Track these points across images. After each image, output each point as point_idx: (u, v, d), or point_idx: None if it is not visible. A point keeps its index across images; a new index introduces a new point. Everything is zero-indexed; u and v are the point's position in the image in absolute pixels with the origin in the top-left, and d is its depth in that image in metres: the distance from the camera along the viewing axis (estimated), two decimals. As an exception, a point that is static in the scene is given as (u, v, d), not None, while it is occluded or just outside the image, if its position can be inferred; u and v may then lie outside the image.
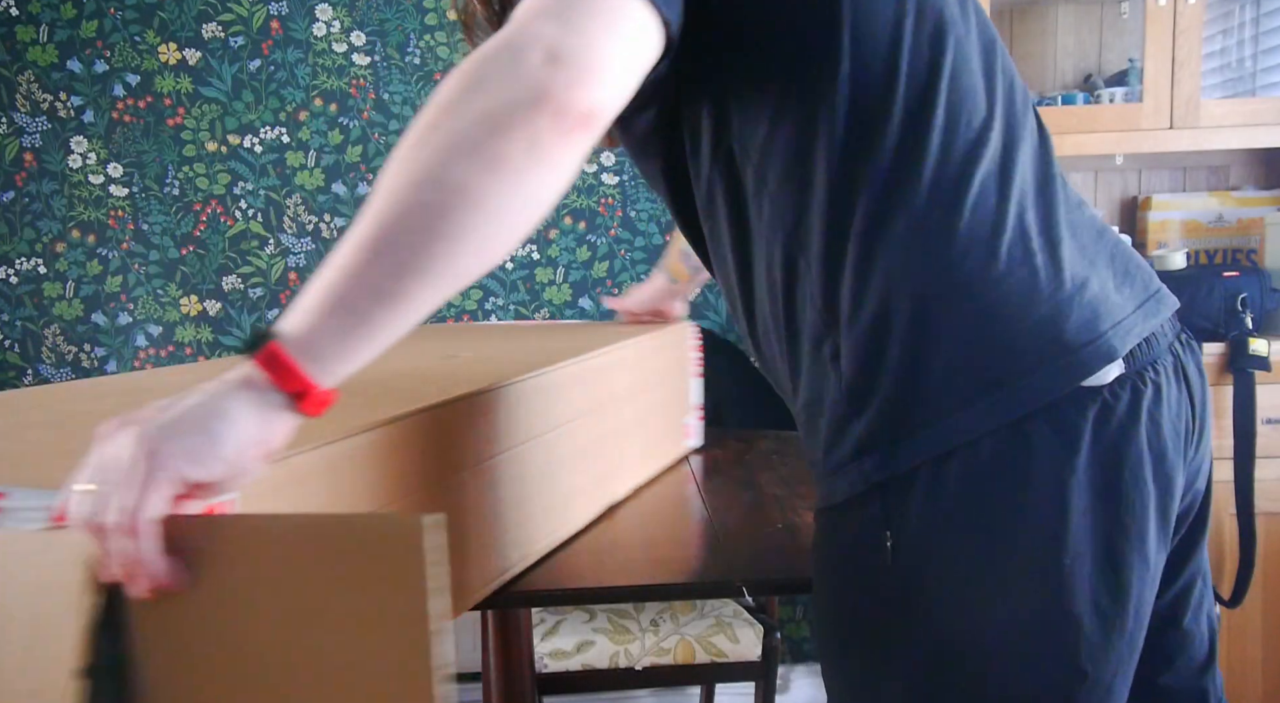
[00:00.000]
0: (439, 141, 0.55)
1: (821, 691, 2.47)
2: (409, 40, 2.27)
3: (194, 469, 0.49)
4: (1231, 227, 2.21)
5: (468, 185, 0.54)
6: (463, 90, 0.56)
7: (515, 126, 0.55)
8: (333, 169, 2.29)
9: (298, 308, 0.55)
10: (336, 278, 0.54)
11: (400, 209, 0.54)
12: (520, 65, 0.55)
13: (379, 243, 0.54)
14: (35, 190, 2.25)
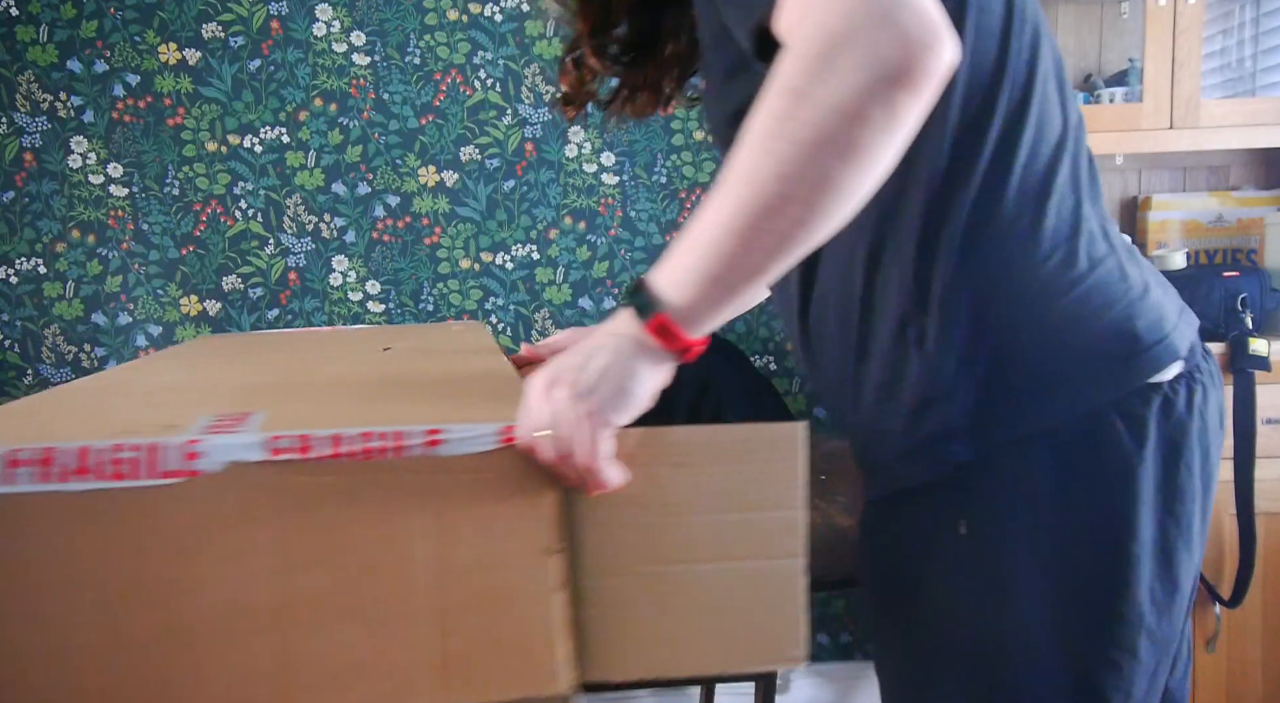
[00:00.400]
0: (799, 135, 0.57)
1: (822, 690, 2.47)
2: (409, 40, 2.27)
3: (620, 417, 0.64)
4: (1231, 227, 2.21)
5: (831, 179, 0.58)
6: (811, 75, 0.57)
7: (873, 111, 0.56)
8: (333, 169, 2.29)
9: (674, 278, 0.63)
10: (711, 257, 0.61)
11: (768, 201, 0.59)
12: (864, 40, 0.56)
13: (752, 231, 0.60)
14: (35, 190, 2.24)
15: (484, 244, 2.34)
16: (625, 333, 0.64)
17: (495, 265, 2.34)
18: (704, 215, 0.62)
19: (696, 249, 0.62)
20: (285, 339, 1.49)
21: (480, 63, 2.29)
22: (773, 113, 0.58)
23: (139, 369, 1.01)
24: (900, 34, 0.55)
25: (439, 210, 2.32)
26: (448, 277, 2.34)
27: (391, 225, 2.32)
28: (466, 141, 2.31)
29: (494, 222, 2.34)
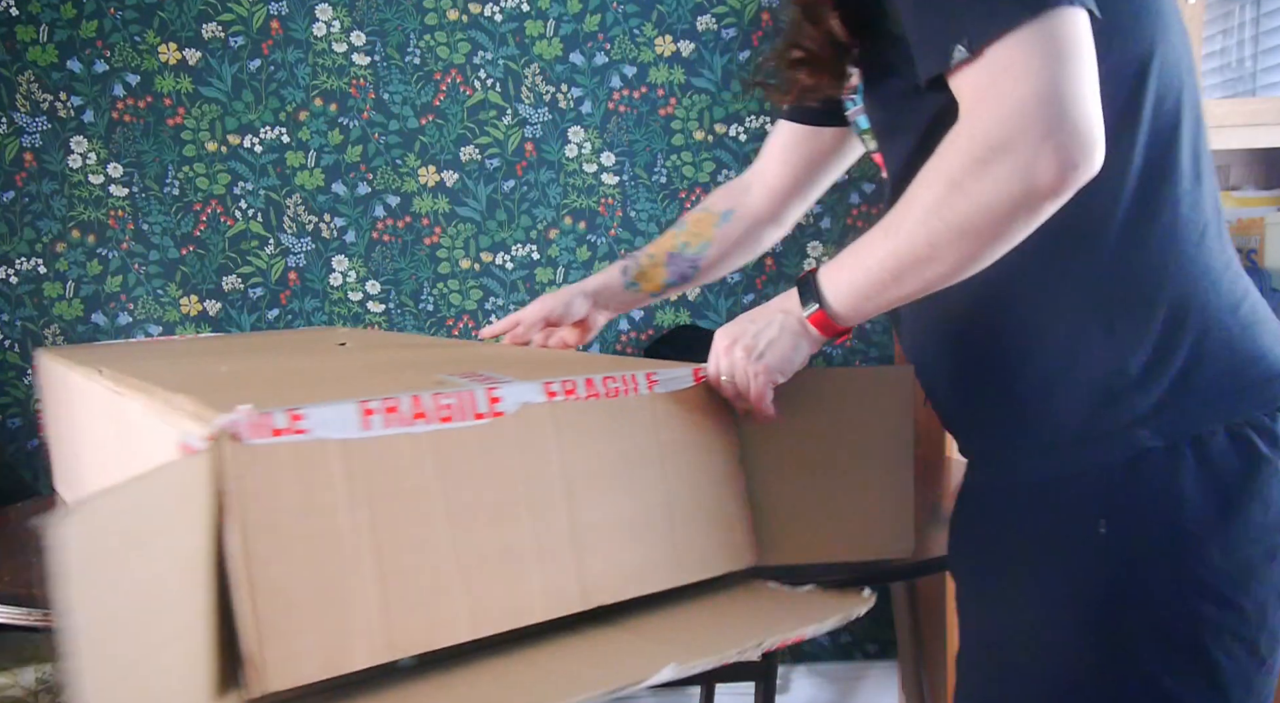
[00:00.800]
0: (951, 220, 0.70)
1: (822, 691, 2.47)
2: (409, 40, 2.27)
3: (780, 376, 0.84)
4: (1232, 226, 2.22)
5: (972, 254, 0.72)
6: (970, 173, 0.68)
7: (1017, 214, 0.69)
8: (333, 169, 2.29)
9: (838, 286, 0.79)
10: (867, 281, 0.77)
11: (918, 259, 0.73)
12: (1023, 154, 0.66)
13: (901, 274, 0.75)
14: (35, 190, 2.24)
15: (484, 244, 2.34)
16: (793, 314, 0.82)
17: (495, 265, 2.34)
18: (873, 241, 0.76)
19: (857, 269, 0.77)
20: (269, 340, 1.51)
21: (480, 63, 2.29)
22: (934, 193, 0.71)
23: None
24: (1056, 153, 0.65)
25: (439, 210, 2.32)
26: (448, 277, 2.34)
27: (391, 225, 2.32)
28: (466, 141, 2.31)
29: (494, 222, 2.34)
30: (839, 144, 1.14)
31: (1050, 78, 0.65)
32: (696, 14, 2.32)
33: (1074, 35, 0.67)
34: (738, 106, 2.35)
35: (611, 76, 2.32)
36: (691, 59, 2.33)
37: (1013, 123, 0.66)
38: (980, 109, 0.68)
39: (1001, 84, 0.67)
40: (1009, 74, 0.66)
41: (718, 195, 1.23)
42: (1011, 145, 0.66)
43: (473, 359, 0.97)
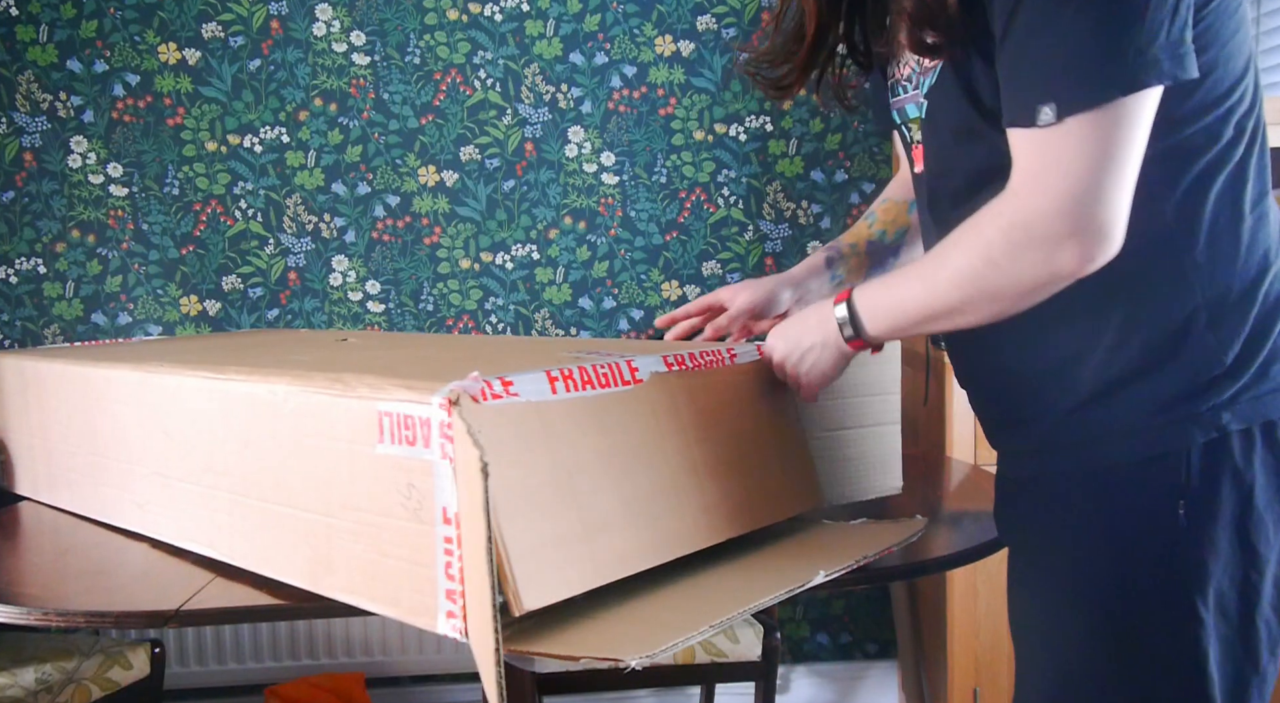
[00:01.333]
0: (983, 288, 0.82)
1: (822, 690, 2.47)
2: (409, 40, 2.27)
3: (822, 383, 1.02)
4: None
5: (998, 314, 0.84)
6: (1005, 255, 0.79)
7: (1042, 292, 0.81)
8: (332, 169, 2.29)
9: (875, 316, 0.93)
10: (900, 318, 0.91)
11: (949, 310, 0.86)
12: (1052, 248, 0.77)
13: (933, 318, 0.88)
14: (35, 190, 2.24)
15: (484, 244, 2.34)
16: (832, 339, 0.97)
17: (495, 265, 2.34)
18: (910, 285, 0.89)
19: (896, 310, 0.91)
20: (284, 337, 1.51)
21: (480, 63, 2.29)
22: (970, 263, 0.82)
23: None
24: (1079, 249, 0.76)
25: (439, 210, 2.32)
26: (448, 277, 2.34)
27: (391, 225, 2.32)
28: (466, 141, 2.31)
29: (494, 221, 2.34)
30: None
31: (1095, 178, 0.75)
32: (696, 14, 2.32)
33: (1140, 120, 0.75)
34: (738, 106, 2.35)
35: (611, 76, 2.32)
36: (691, 59, 2.33)
37: (1049, 219, 0.76)
38: (1026, 195, 0.78)
39: (1051, 174, 0.76)
40: (1060, 165, 0.75)
41: (893, 186, 1.26)
42: (1043, 238, 0.77)
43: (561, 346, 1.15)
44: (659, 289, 2.38)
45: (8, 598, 0.95)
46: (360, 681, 2.25)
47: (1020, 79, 0.78)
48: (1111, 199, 0.75)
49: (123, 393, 1.19)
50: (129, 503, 1.19)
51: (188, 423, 1.07)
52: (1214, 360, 0.82)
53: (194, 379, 1.06)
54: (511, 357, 1.03)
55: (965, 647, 1.95)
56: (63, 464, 1.35)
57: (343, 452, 0.87)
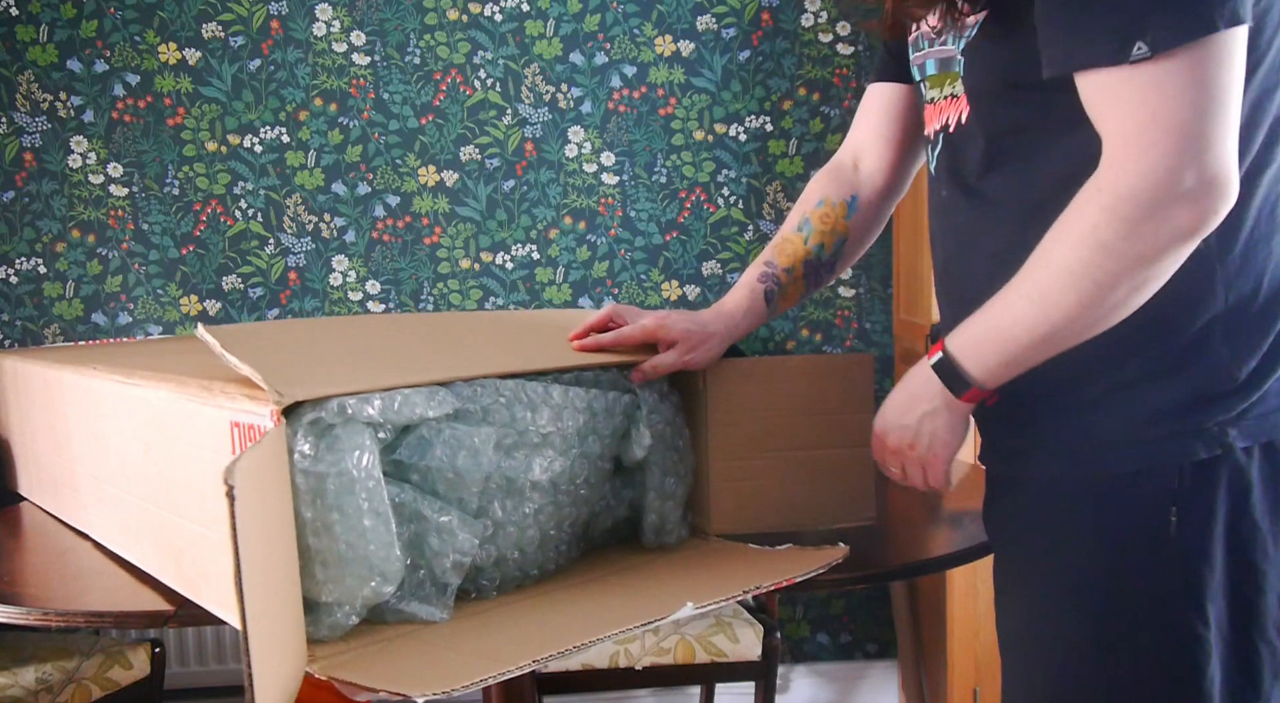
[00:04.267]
0: (1103, 280, 0.73)
1: (822, 690, 2.47)
2: (409, 40, 2.27)
3: (947, 455, 0.89)
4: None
5: (1124, 307, 0.75)
6: (1118, 235, 0.71)
7: (1167, 261, 0.73)
8: (332, 169, 2.29)
9: (981, 361, 0.82)
10: (1011, 351, 0.80)
11: (1066, 323, 0.76)
12: (1167, 212, 0.70)
13: (1056, 334, 0.77)
14: (35, 190, 2.24)
15: (484, 244, 2.34)
16: (941, 400, 0.85)
17: (495, 265, 2.34)
18: (1012, 307, 0.78)
19: (1007, 342, 0.80)
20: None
21: (480, 63, 2.29)
22: (1080, 255, 0.73)
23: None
24: (1197, 205, 0.69)
25: (439, 210, 2.32)
26: (448, 276, 2.34)
27: (391, 225, 2.32)
28: (466, 141, 2.31)
29: (494, 221, 2.34)
30: None
31: (1200, 126, 0.68)
32: (696, 14, 2.32)
33: (1239, 60, 0.69)
34: (738, 106, 2.35)
35: (611, 76, 2.32)
36: (691, 59, 2.33)
37: (1158, 182, 0.69)
38: (1124, 160, 0.71)
39: (1150, 131, 0.69)
40: (1158, 117, 0.69)
41: (826, 183, 1.14)
42: (1156, 205, 0.70)
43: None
44: (659, 289, 2.38)
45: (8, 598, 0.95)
46: (360, 681, 2.25)
47: (1094, 14, 0.70)
48: (1222, 147, 0.69)
49: (68, 395, 1.19)
50: (76, 503, 1.20)
51: (110, 427, 1.05)
52: (1225, 375, 0.78)
53: (106, 382, 1.04)
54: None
55: (965, 647, 1.95)
56: (38, 463, 1.36)
57: (208, 462, 0.82)
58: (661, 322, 1.05)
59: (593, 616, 0.84)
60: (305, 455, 0.77)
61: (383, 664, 0.76)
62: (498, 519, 0.91)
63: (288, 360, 0.84)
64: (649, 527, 1.05)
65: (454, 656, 0.78)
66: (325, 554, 0.78)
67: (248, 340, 0.87)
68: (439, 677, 0.72)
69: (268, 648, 0.67)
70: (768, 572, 0.92)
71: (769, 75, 2.34)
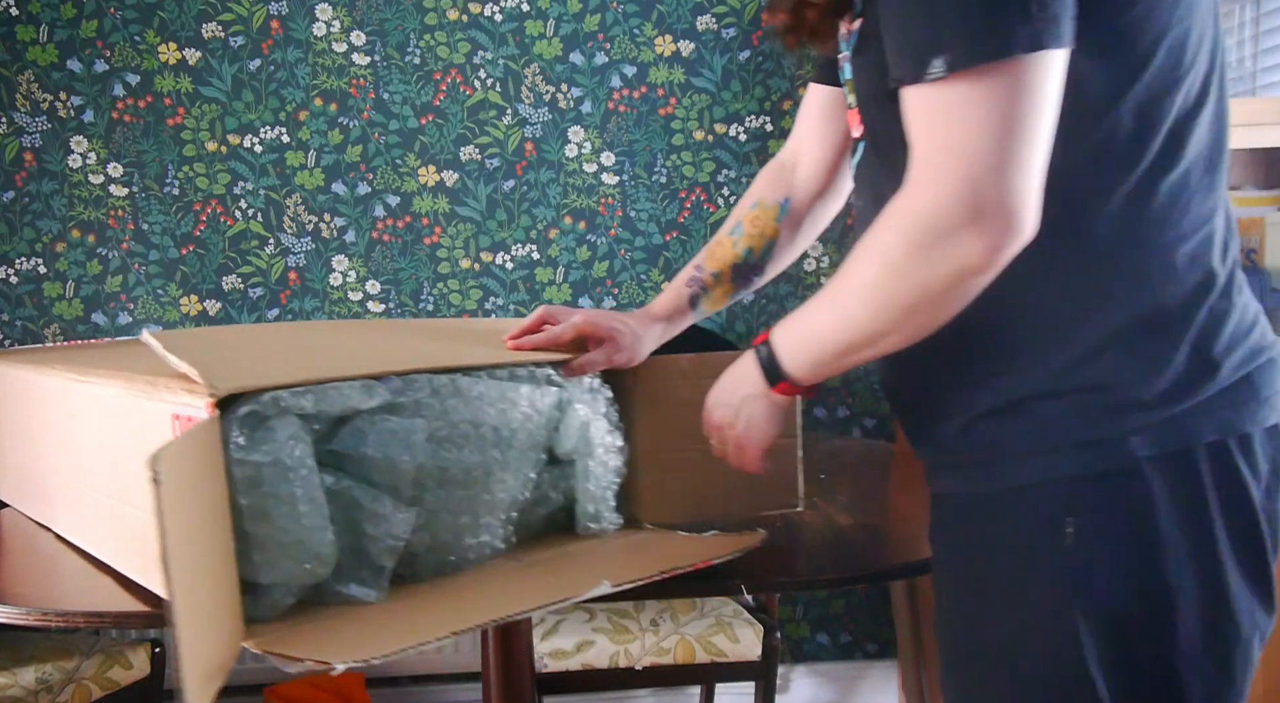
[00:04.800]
0: (894, 300, 0.73)
1: (822, 690, 2.47)
2: (409, 40, 2.27)
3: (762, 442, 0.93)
4: (1231, 226, 2.21)
5: (916, 327, 0.75)
6: (908, 258, 0.71)
7: (954, 292, 0.72)
8: (332, 169, 2.29)
9: (795, 357, 0.84)
10: (822, 353, 0.82)
11: (866, 336, 0.77)
12: (956, 240, 0.68)
13: (853, 348, 0.79)
14: (35, 190, 2.24)
15: (484, 244, 2.34)
16: (760, 387, 0.88)
17: (495, 265, 2.34)
18: (821, 312, 0.80)
19: (812, 343, 0.82)
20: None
21: (480, 63, 2.29)
22: (874, 274, 0.74)
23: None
24: (987, 236, 0.67)
25: (439, 210, 2.32)
26: (448, 276, 2.34)
27: (391, 225, 2.32)
28: (466, 141, 2.31)
29: (494, 221, 2.34)
30: None
31: (995, 156, 0.66)
32: (696, 14, 2.32)
33: (1046, 89, 0.66)
34: (738, 106, 2.35)
35: (611, 76, 2.32)
36: (691, 59, 2.33)
37: (947, 208, 0.68)
38: (918, 184, 0.70)
39: (946, 155, 0.67)
40: (954, 142, 0.67)
41: (764, 184, 1.16)
42: (942, 233, 0.68)
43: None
44: (659, 289, 2.37)
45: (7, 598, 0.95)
46: (360, 680, 2.25)
47: (907, 30, 0.69)
48: (1016, 179, 0.66)
49: (31, 395, 1.21)
50: (42, 499, 1.20)
51: (69, 424, 1.08)
52: (1129, 385, 0.75)
53: (63, 381, 1.06)
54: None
55: (965, 647, 1.95)
56: (12, 466, 1.36)
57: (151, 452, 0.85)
58: (591, 321, 1.09)
59: (516, 594, 0.90)
60: (240, 446, 0.82)
61: (313, 639, 0.81)
62: (431, 507, 0.95)
63: (225, 358, 0.91)
64: (582, 515, 1.10)
65: (378, 630, 0.83)
66: (262, 539, 0.83)
67: (190, 342, 0.95)
68: (359, 648, 0.78)
69: (195, 622, 0.71)
70: (688, 555, 0.97)
71: (769, 75, 2.34)
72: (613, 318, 1.11)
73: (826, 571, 1.02)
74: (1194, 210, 0.76)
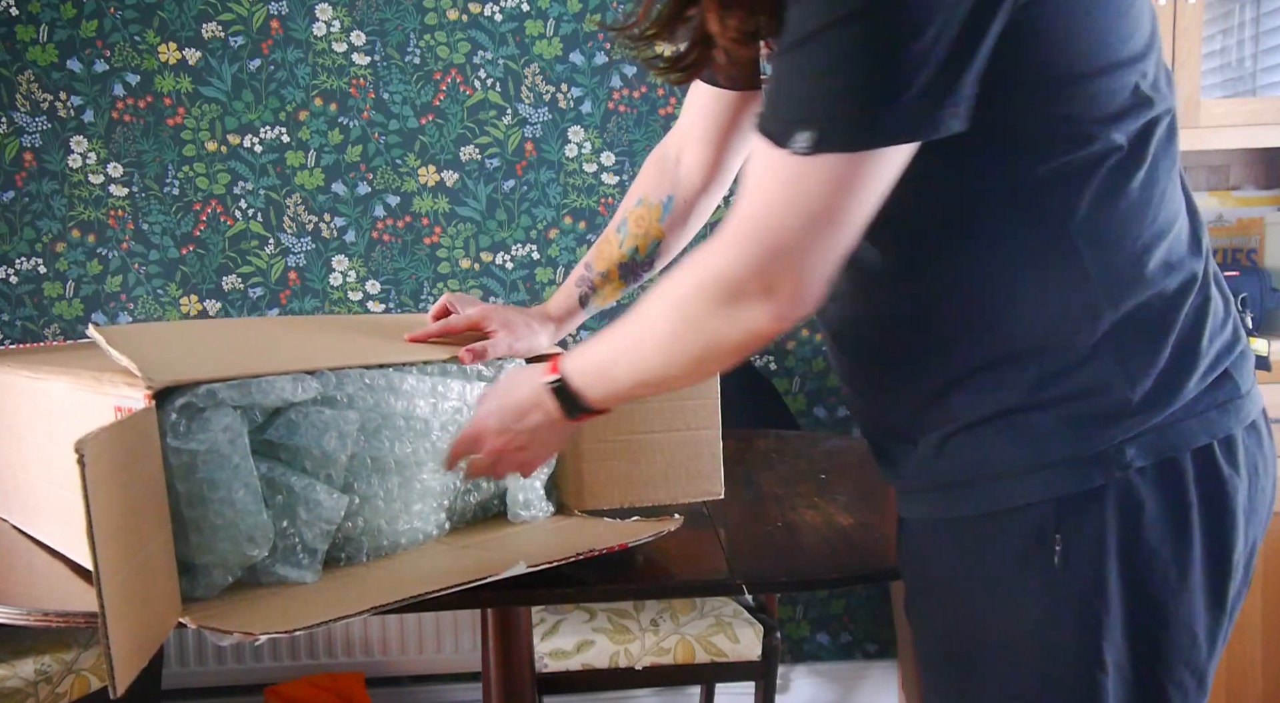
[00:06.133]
0: (685, 351, 0.78)
1: (822, 690, 2.47)
2: (409, 40, 2.27)
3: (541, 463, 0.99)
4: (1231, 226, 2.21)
5: (703, 373, 0.80)
6: (704, 311, 0.74)
7: (741, 351, 0.76)
8: (332, 169, 2.29)
9: (592, 388, 0.87)
10: (618, 386, 0.85)
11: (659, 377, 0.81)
12: (748, 307, 0.71)
13: (644, 385, 0.84)
14: (35, 190, 2.24)
15: (484, 244, 2.34)
16: (555, 419, 0.90)
17: (495, 265, 2.34)
18: (617, 350, 0.83)
19: (608, 380, 0.85)
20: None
21: (480, 62, 2.29)
22: (671, 325, 0.77)
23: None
24: (777, 306, 0.70)
25: (439, 210, 2.32)
26: (448, 276, 2.34)
27: (391, 225, 2.32)
28: (466, 141, 2.31)
29: (494, 221, 2.34)
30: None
31: (811, 238, 0.67)
32: (696, 14, 2.31)
33: (886, 177, 0.66)
34: (738, 106, 2.35)
35: (611, 76, 2.32)
36: (691, 59, 2.32)
37: (749, 276, 0.70)
38: (727, 239, 0.71)
39: (759, 220, 0.69)
40: (775, 216, 0.68)
41: (651, 178, 1.17)
42: (741, 297, 0.71)
43: None
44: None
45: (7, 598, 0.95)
46: (360, 680, 2.25)
47: (794, 88, 0.67)
48: (818, 263, 0.68)
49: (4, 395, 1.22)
50: (19, 504, 1.20)
51: (21, 419, 1.11)
52: (1119, 394, 0.73)
53: (16, 378, 1.09)
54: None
55: (965, 647, 1.95)
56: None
57: None
58: (486, 312, 1.15)
59: (442, 574, 0.95)
60: (178, 435, 0.88)
61: (245, 614, 0.87)
62: (365, 494, 1.01)
63: (165, 353, 0.96)
64: (513, 503, 1.15)
65: (306, 605, 0.89)
66: (199, 522, 0.89)
67: (134, 337, 1.01)
68: (284, 620, 0.84)
69: (124, 597, 0.76)
70: (607, 538, 1.02)
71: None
72: (509, 310, 1.17)
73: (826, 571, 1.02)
74: (1166, 206, 0.75)
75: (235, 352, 1.05)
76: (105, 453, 0.76)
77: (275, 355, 1.03)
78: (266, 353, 1.06)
